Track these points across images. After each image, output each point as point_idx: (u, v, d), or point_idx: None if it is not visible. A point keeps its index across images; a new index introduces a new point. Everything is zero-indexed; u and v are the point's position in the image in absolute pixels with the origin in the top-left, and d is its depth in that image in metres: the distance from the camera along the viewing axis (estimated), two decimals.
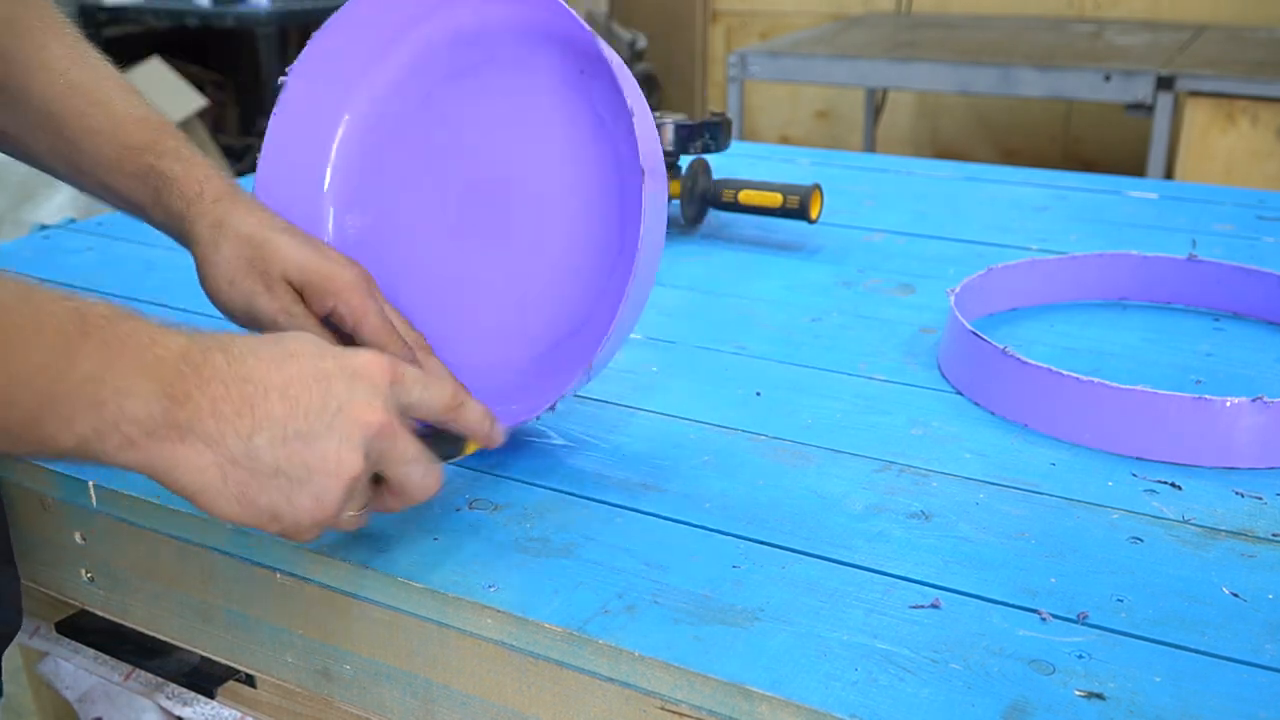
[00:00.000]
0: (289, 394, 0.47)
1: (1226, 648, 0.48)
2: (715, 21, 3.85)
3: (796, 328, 0.82)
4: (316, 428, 0.47)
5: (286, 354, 0.48)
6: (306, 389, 0.47)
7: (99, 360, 0.43)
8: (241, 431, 0.46)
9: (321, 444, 0.47)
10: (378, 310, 0.62)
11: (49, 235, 1.05)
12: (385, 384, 0.50)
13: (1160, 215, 1.07)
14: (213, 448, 0.45)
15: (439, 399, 0.53)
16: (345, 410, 0.48)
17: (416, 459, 0.51)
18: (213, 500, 0.46)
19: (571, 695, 0.51)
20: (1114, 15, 3.17)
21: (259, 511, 0.47)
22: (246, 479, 0.46)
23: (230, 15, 3.17)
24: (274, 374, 0.47)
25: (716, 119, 1.01)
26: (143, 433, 0.44)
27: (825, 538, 0.56)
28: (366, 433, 0.48)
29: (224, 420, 0.46)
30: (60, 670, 0.79)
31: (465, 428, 0.55)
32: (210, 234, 0.61)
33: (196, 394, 0.45)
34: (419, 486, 0.51)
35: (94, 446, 0.44)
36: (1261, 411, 0.62)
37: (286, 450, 0.47)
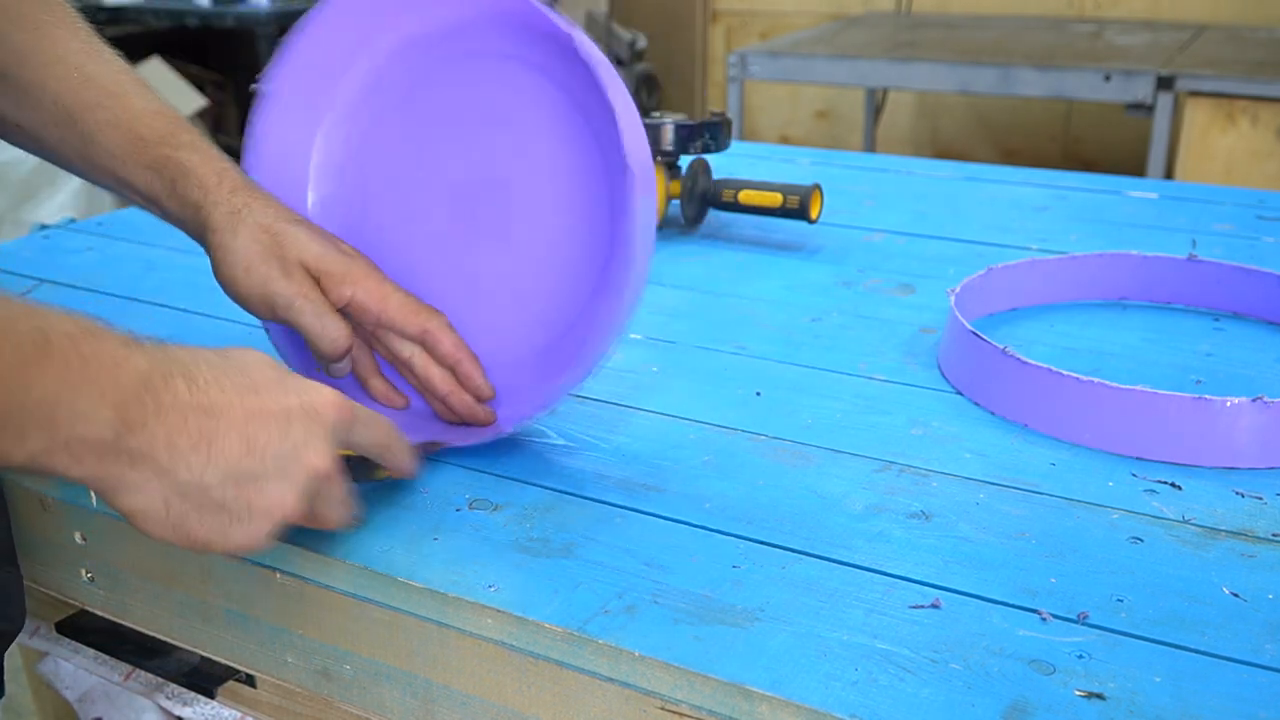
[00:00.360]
0: (247, 432, 0.47)
1: (1226, 648, 0.48)
2: (715, 21, 3.85)
3: (796, 328, 0.82)
4: (269, 470, 0.48)
5: (250, 387, 0.48)
6: (265, 427, 0.48)
7: (56, 381, 0.43)
8: (194, 466, 0.46)
9: (270, 487, 0.48)
10: (396, 288, 0.63)
11: (49, 235, 1.05)
12: (339, 426, 0.51)
13: (1160, 215, 1.07)
14: (160, 478, 0.46)
15: (376, 438, 0.54)
16: (297, 454, 0.49)
17: (343, 501, 0.53)
18: (148, 523, 0.47)
19: (571, 695, 0.51)
20: (1114, 15, 3.17)
21: (191, 540, 0.48)
22: (188, 511, 0.47)
23: (230, 15, 3.17)
24: (236, 408, 0.47)
25: (716, 119, 1.01)
26: (92, 454, 0.44)
27: (825, 538, 0.56)
28: (311, 478, 0.49)
29: (177, 453, 0.46)
30: (60, 670, 0.79)
31: (389, 463, 0.57)
32: (227, 221, 0.62)
33: (153, 422, 0.45)
34: (337, 520, 0.53)
35: (42, 461, 0.44)
36: (1261, 411, 0.62)
37: (237, 490, 0.47)
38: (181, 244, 1.01)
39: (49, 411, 0.43)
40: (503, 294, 0.67)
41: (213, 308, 0.86)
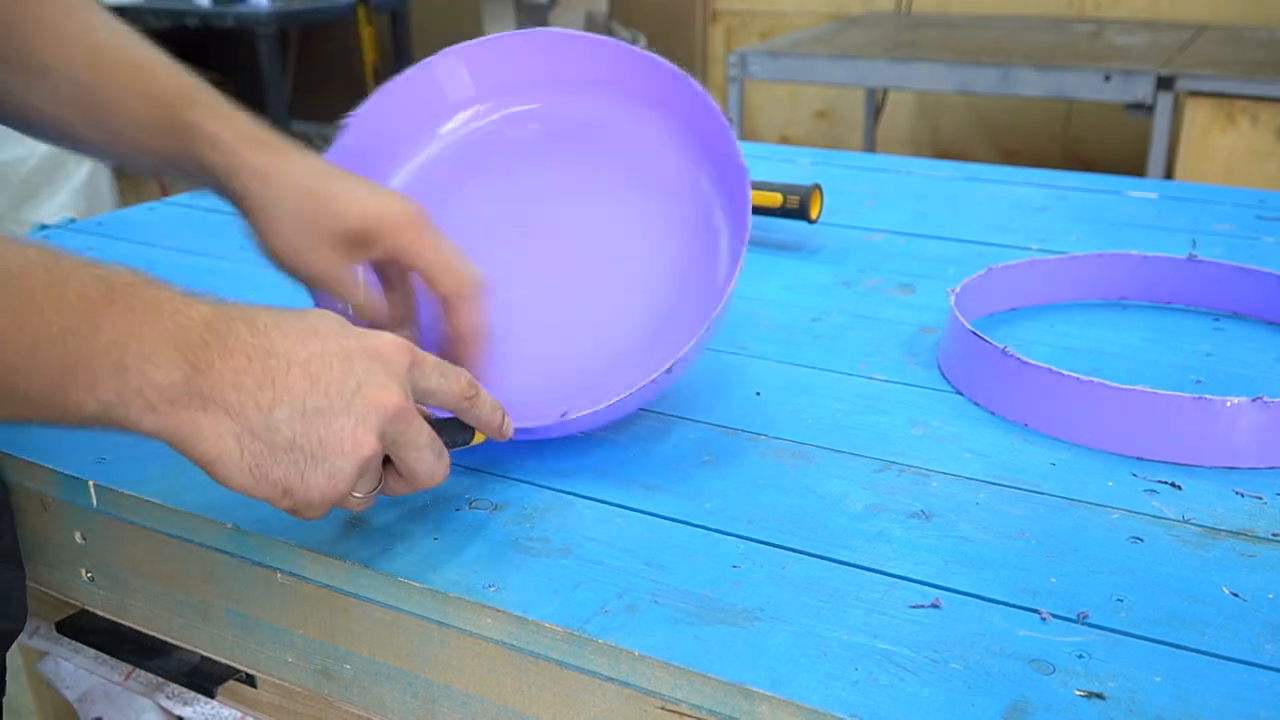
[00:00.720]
0: (310, 370, 0.47)
1: (1226, 648, 0.48)
2: (715, 21, 3.85)
3: (796, 328, 0.82)
4: (335, 405, 0.47)
5: (310, 330, 0.48)
6: (328, 366, 0.48)
7: (123, 326, 0.43)
8: (262, 404, 0.46)
9: (339, 422, 0.47)
10: (434, 244, 0.61)
11: (49, 235, 1.05)
12: (404, 368, 0.50)
13: (1160, 215, 1.07)
14: (232, 417, 0.46)
15: (454, 388, 0.53)
16: (364, 390, 0.48)
17: (428, 445, 0.51)
18: (227, 469, 0.47)
19: (571, 695, 0.51)
20: (1114, 15, 3.17)
21: (271, 485, 0.47)
22: (262, 451, 0.46)
23: (230, 15, 3.17)
24: (297, 349, 0.47)
25: None
26: (165, 400, 0.44)
27: (825, 538, 0.56)
28: (383, 414, 0.48)
29: (245, 392, 0.46)
30: (60, 670, 0.79)
31: (476, 419, 0.55)
32: (259, 191, 0.60)
33: (219, 364, 0.45)
34: (427, 473, 0.52)
35: (116, 412, 0.44)
36: (1261, 411, 0.62)
37: (305, 425, 0.47)
38: (181, 244, 1.01)
39: (118, 356, 0.43)
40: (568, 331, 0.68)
41: None
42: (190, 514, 0.59)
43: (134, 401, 0.44)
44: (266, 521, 0.57)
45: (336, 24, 3.76)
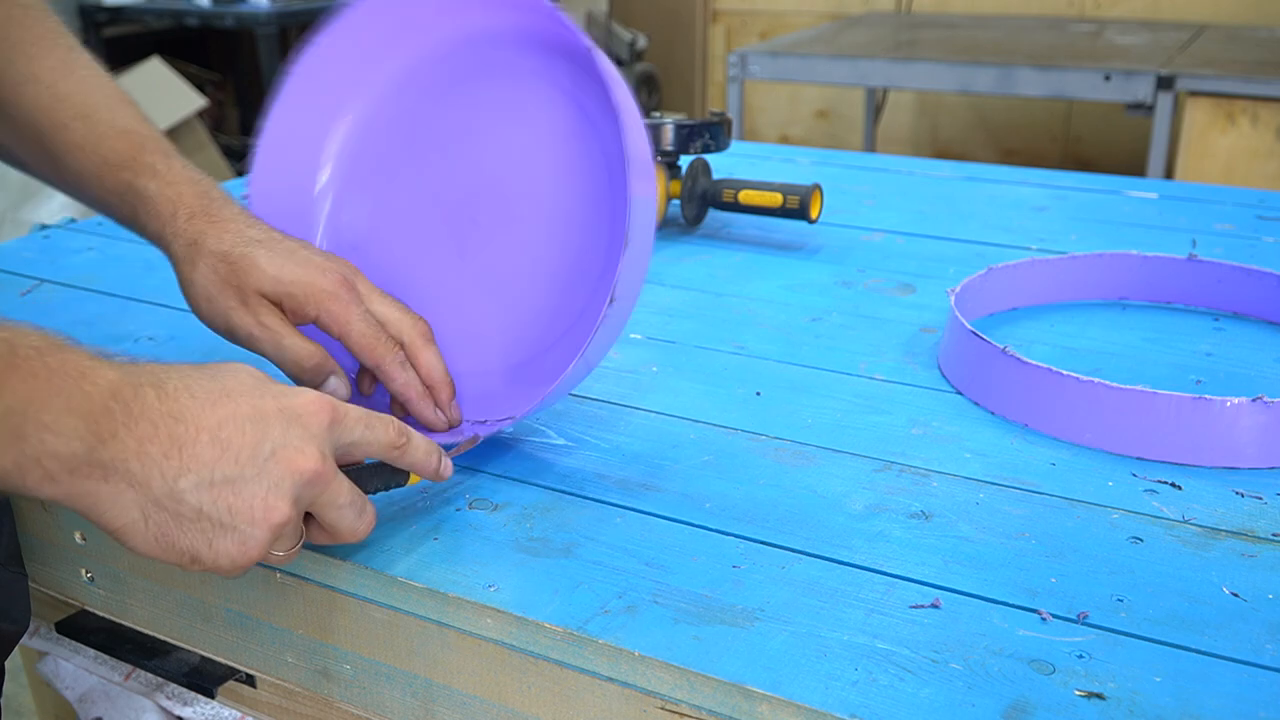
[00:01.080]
0: (220, 437, 0.46)
1: (1226, 648, 0.48)
2: (715, 21, 3.86)
3: (796, 328, 0.82)
4: (246, 473, 0.46)
5: (223, 392, 0.47)
6: (240, 431, 0.47)
7: (23, 393, 0.42)
8: (168, 474, 0.45)
9: (249, 490, 0.47)
10: (361, 315, 0.60)
11: (49, 235, 1.05)
12: (322, 428, 0.49)
13: (1160, 215, 1.07)
14: (135, 488, 0.45)
15: (383, 438, 0.52)
16: (278, 455, 0.47)
17: (349, 504, 0.51)
18: (131, 538, 0.46)
19: (571, 695, 0.51)
20: (1114, 15, 3.17)
21: (178, 553, 0.46)
22: (167, 520, 0.46)
23: (230, 15, 3.17)
24: (207, 413, 0.46)
25: (716, 119, 1.01)
26: (64, 469, 0.43)
27: (825, 538, 0.56)
28: (298, 480, 0.48)
29: (150, 461, 0.45)
30: (60, 670, 0.79)
31: (410, 465, 0.55)
32: (186, 253, 0.61)
33: (123, 432, 0.44)
34: (349, 530, 0.51)
35: (14, 479, 0.43)
36: (1261, 411, 0.62)
37: (212, 495, 0.46)
38: None
39: (16, 423, 0.42)
40: (504, 298, 0.67)
41: None
42: None
43: (31, 470, 0.42)
44: None
45: None
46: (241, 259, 0.60)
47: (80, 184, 0.64)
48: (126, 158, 0.63)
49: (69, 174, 0.64)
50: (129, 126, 0.64)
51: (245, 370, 0.49)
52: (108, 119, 0.64)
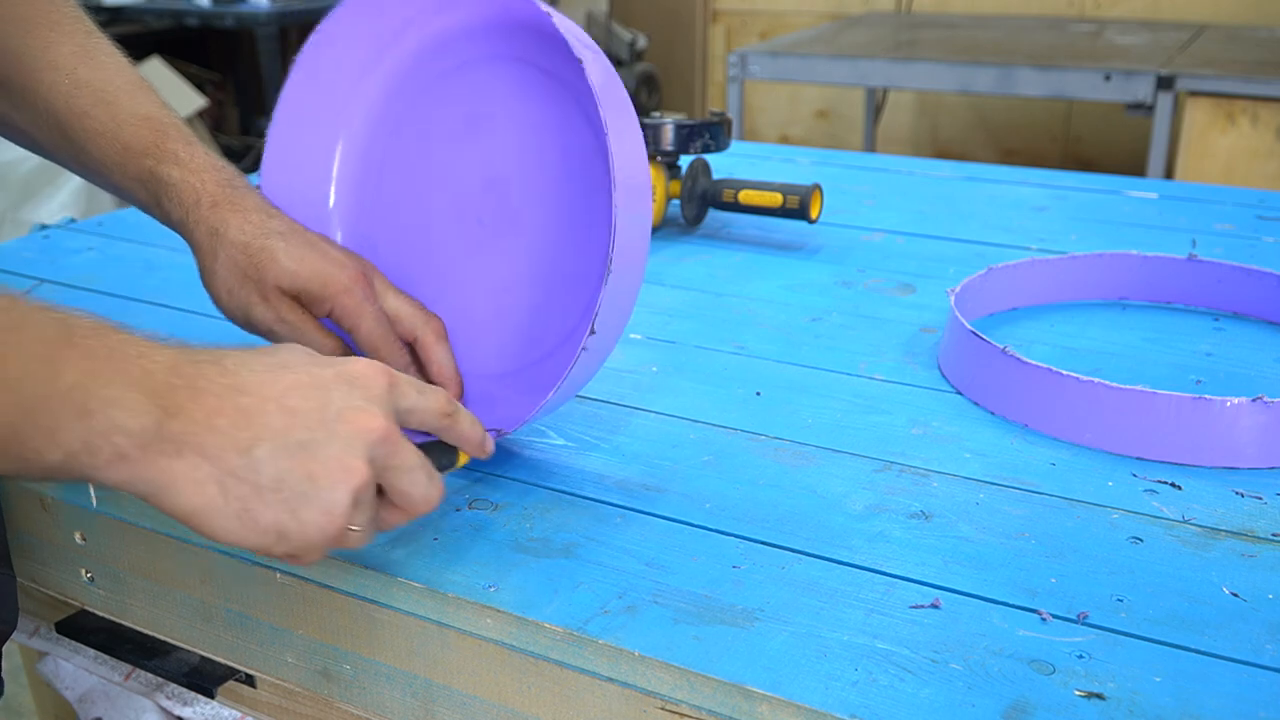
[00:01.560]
0: (287, 404, 0.45)
1: (1226, 648, 0.48)
2: (715, 21, 3.86)
3: (796, 328, 0.82)
4: (318, 437, 0.45)
5: (280, 364, 0.47)
6: (305, 398, 0.46)
7: (84, 369, 0.41)
8: (241, 444, 0.44)
9: (325, 453, 0.45)
10: (374, 312, 0.61)
11: (49, 235, 1.05)
12: (382, 390, 0.48)
13: (1160, 215, 1.07)
14: (211, 461, 0.43)
15: (434, 405, 0.51)
16: (345, 417, 0.46)
17: (420, 466, 0.49)
18: (212, 520, 0.44)
19: (571, 695, 0.51)
20: (1114, 15, 3.17)
21: (263, 530, 0.44)
22: (249, 494, 0.44)
23: (230, 15, 3.17)
24: (270, 385, 0.45)
25: (716, 119, 1.01)
26: (135, 445, 0.42)
27: (825, 538, 0.56)
28: (369, 439, 0.46)
29: (221, 433, 0.43)
30: (60, 670, 0.79)
31: (458, 436, 0.53)
32: (208, 242, 0.61)
33: (190, 406, 0.43)
34: (422, 496, 0.49)
35: (82, 460, 0.41)
36: (1261, 411, 0.62)
37: (290, 461, 0.44)
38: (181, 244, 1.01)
39: (80, 400, 0.41)
40: (507, 300, 0.67)
41: (213, 308, 0.86)
42: None
43: (102, 449, 0.41)
44: None
45: None
46: (261, 251, 0.61)
47: (102, 170, 0.64)
48: (149, 144, 0.63)
49: (90, 160, 0.64)
50: (150, 113, 0.64)
51: (296, 346, 0.49)
52: (129, 106, 0.64)
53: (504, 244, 0.66)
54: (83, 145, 0.64)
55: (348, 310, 0.61)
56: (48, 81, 0.64)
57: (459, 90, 0.67)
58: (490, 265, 0.67)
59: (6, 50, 0.64)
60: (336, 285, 0.61)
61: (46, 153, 0.68)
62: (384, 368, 0.49)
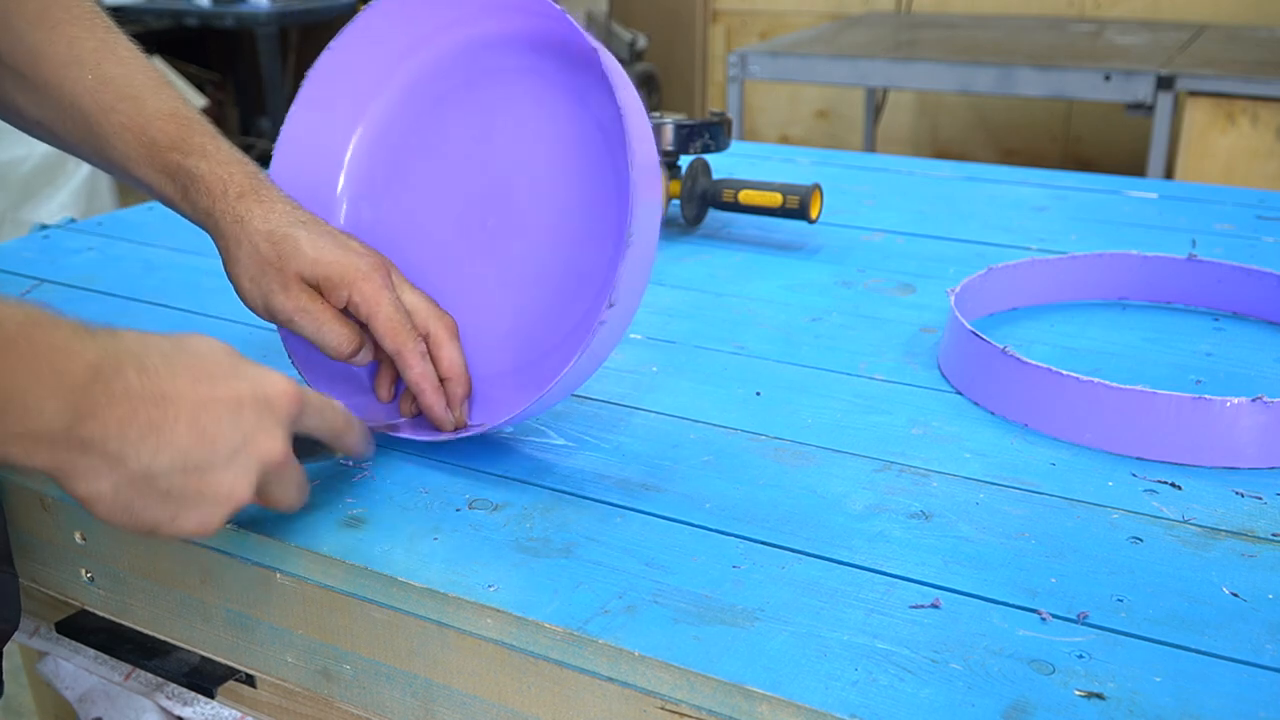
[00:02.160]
0: (198, 424, 0.48)
1: (1226, 648, 0.48)
2: (715, 21, 3.85)
3: (796, 328, 0.82)
4: (218, 460, 0.48)
5: (202, 374, 0.49)
6: (216, 418, 0.48)
7: (4, 369, 0.43)
8: (144, 455, 0.46)
9: (219, 475, 0.49)
10: (391, 300, 0.62)
11: (49, 235, 1.05)
12: (289, 416, 0.52)
13: (1160, 215, 1.07)
14: (111, 465, 0.46)
15: (333, 421, 0.56)
16: (249, 442, 0.49)
17: (296, 483, 0.54)
18: (96, 506, 0.47)
19: (571, 695, 0.51)
20: (1114, 15, 3.17)
21: (140, 524, 0.48)
22: (136, 497, 0.47)
23: (230, 15, 3.17)
24: (187, 393, 0.48)
25: (716, 119, 1.01)
26: (45, 445, 0.44)
27: (825, 538, 0.56)
28: (264, 464, 0.50)
29: (127, 442, 0.46)
30: (60, 670, 0.79)
31: (345, 447, 0.58)
32: (233, 230, 0.63)
33: (103, 412, 0.45)
34: (288, 506, 0.55)
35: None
36: (1261, 411, 0.62)
37: (184, 478, 0.48)
38: (181, 244, 1.01)
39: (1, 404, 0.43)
40: (514, 302, 0.67)
41: (212, 308, 0.86)
42: None
43: (15, 444, 0.44)
44: (266, 522, 0.57)
45: (336, 24, 3.75)
46: (284, 239, 0.62)
47: (126, 164, 0.65)
48: (176, 139, 0.64)
49: (114, 154, 0.65)
50: (175, 109, 0.65)
51: (220, 348, 0.51)
52: (154, 102, 0.65)
53: (508, 246, 0.67)
54: (108, 139, 0.65)
55: (366, 298, 0.62)
56: (72, 77, 0.65)
57: (466, 98, 0.68)
58: (494, 267, 0.67)
59: (28, 46, 0.65)
60: (355, 273, 0.62)
61: (66, 146, 0.68)
62: (298, 389, 0.52)
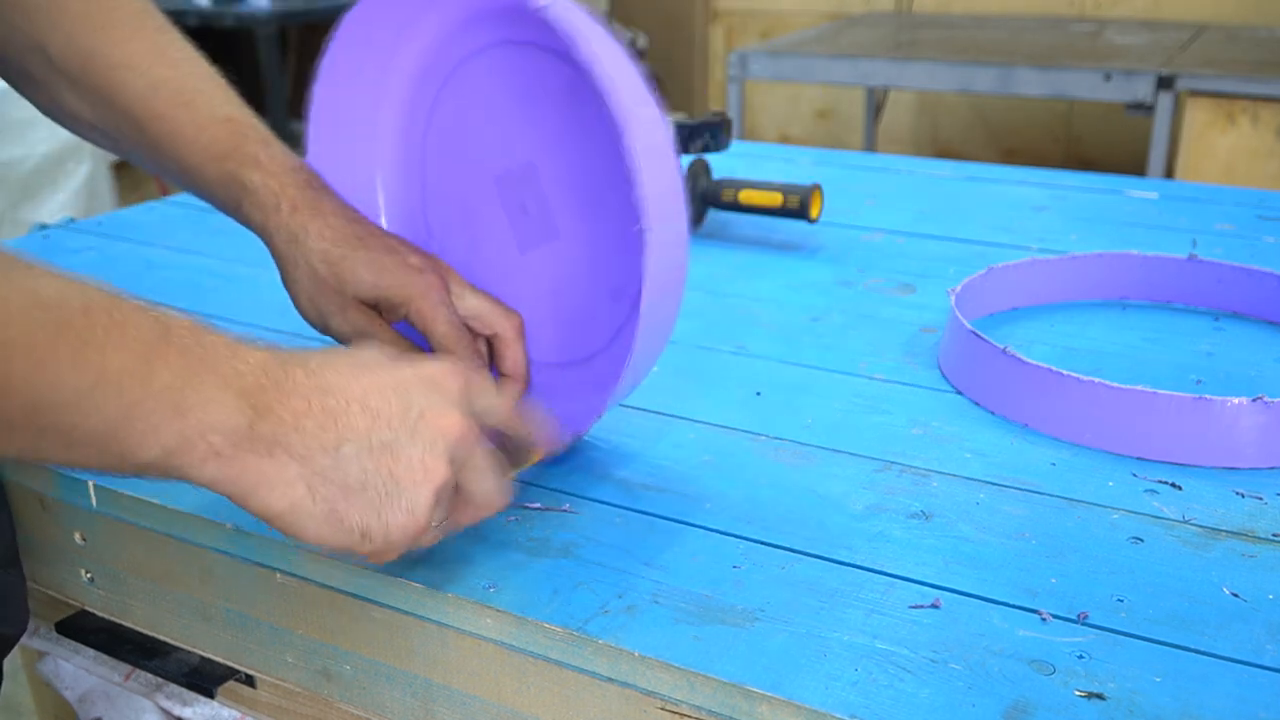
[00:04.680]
0: (369, 405, 0.46)
1: (1226, 648, 0.48)
2: (715, 21, 3.85)
3: (796, 328, 0.82)
4: (400, 437, 0.46)
5: (361, 365, 0.48)
6: (385, 399, 0.47)
7: (180, 368, 0.42)
8: (327, 444, 0.45)
9: (407, 453, 0.46)
10: (448, 317, 0.61)
11: (49, 235, 1.05)
12: (459, 392, 0.49)
13: (1160, 215, 1.07)
14: (299, 462, 0.44)
15: (507, 405, 0.52)
16: (426, 418, 0.47)
17: (492, 468, 0.50)
18: (300, 520, 0.45)
19: (571, 695, 0.51)
20: (1114, 15, 3.17)
21: (348, 530, 0.46)
22: (336, 495, 0.45)
23: (230, 15, 3.17)
24: (352, 385, 0.46)
25: (716, 119, 1.01)
26: (228, 444, 0.43)
27: (825, 538, 0.56)
28: (449, 439, 0.47)
29: (308, 434, 0.44)
30: (60, 670, 0.79)
31: (529, 435, 0.55)
32: (288, 250, 0.61)
33: (278, 407, 0.44)
34: (492, 497, 0.51)
35: (177, 459, 0.42)
36: (1262, 411, 0.62)
37: (375, 462, 0.45)
38: (181, 244, 1.01)
39: (177, 398, 0.42)
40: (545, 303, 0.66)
41: (213, 308, 0.86)
42: (189, 514, 0.59)
43: (196, 446, 0.42)
44: None
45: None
46: (341, 261, 0.61)
47: (181, 172, 0.64)
48: (229, 148, 0.62)
49: (169, 161, 0.64)
50: (229, 114, 0.64)
51: (373, 349, 0.50)
52: (207, 107, 0.63)
53: (549, 231, 0.66)
54: (161, 147, 0.63)
55: (423, 314, 0.61)
56: (123, 81, 0.63)
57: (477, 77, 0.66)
58: (539, 255, 0.66)
59: (80, 49, 0.63)
60: (413, 291, 0.61)
61: (122, 151, 0.67)
62: (459, 369, 0.50)
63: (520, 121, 0.65)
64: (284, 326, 0.79)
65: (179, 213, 1.10)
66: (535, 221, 0.66)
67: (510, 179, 0.67)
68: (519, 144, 0.66)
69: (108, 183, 2.87)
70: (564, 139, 0.64)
